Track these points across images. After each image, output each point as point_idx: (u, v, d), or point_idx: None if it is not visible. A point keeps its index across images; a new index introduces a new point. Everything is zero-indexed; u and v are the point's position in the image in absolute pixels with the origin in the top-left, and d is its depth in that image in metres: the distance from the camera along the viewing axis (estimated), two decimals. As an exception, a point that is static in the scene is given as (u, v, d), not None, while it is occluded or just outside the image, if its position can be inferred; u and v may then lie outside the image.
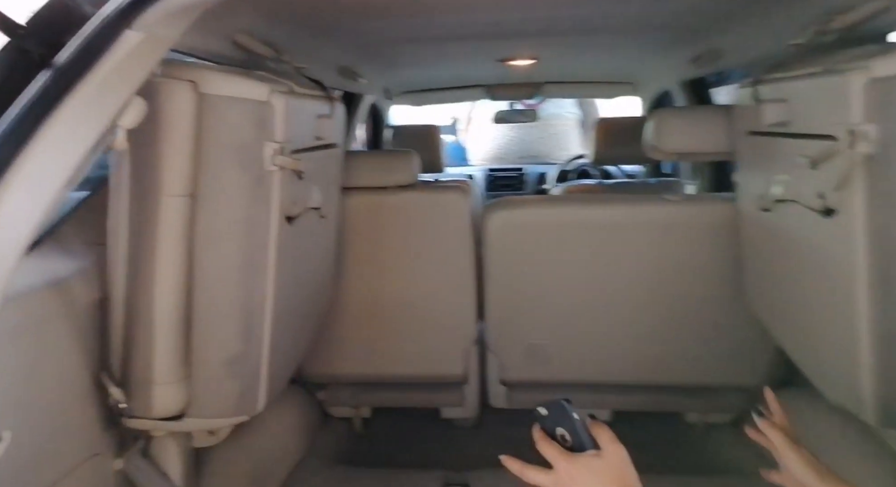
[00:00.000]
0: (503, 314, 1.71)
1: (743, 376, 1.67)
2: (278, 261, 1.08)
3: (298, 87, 1.14)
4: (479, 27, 1.72)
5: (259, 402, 1.12)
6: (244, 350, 1.06)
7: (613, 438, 0.75)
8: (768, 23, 1.47)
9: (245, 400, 1.10)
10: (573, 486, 0.72)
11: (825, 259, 1.05)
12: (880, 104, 0.89)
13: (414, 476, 1.59)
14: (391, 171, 1.67)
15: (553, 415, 0.79)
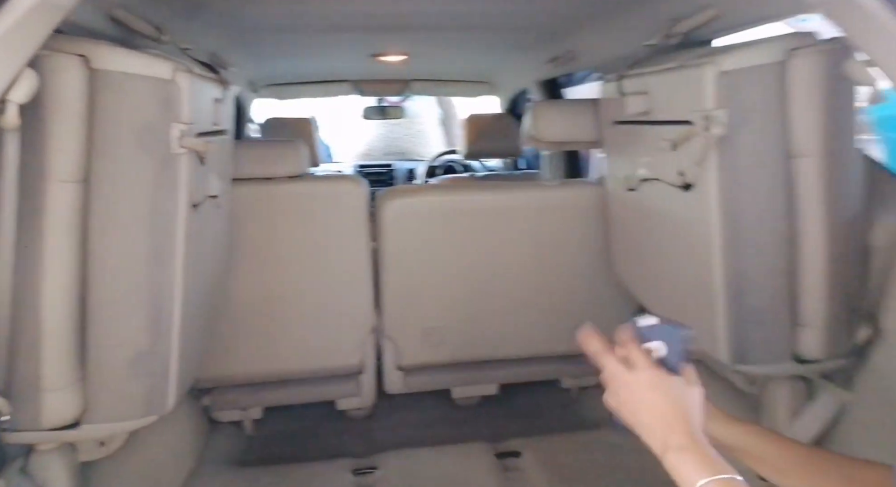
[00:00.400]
0: (400, 301, 1.74)
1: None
2: (186, 250, 1.00)
3: (193, 67, 1.07)
4: (353, 20, 1.72)
5: (169, 400, 1.04)
6: (151, 346, 0.97)
7: (697, 380, 0.74)
8: (620, 27, 1.66)
9: (153, 400, 1.00)
10: (644, 394, 0.71)
11: (686, 227, 1.24)
12: (728, 93, 1.07)
13: (319, 469, 1.57)
14: (280, 161, 1.61)
15: (658, 330, 0.76)
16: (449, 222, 1.68)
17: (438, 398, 2.01)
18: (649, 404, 0.71)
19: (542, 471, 1.49)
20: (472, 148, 2.65)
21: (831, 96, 1.05)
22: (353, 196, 1.67)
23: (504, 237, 1.71)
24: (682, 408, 0.70)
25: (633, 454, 1.52)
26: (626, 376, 0.73)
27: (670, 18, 1.38)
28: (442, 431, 1.81)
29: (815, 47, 1.05)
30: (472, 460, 1.56)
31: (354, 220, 1.68)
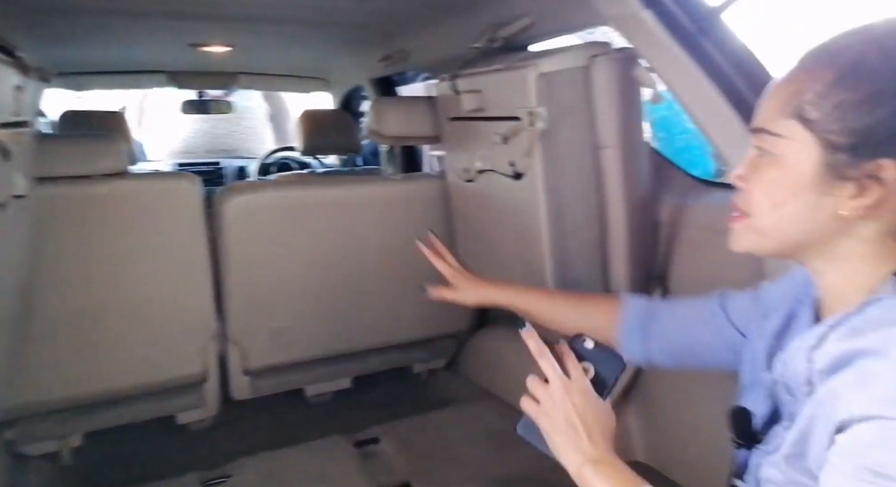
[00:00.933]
0: (245, 302, 1.67)
1: (453, 324, 2.01)
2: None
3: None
4: (165, 5, 1.61)
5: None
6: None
7: None
8: (448, 30, 1.79)
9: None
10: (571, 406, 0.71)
11: (518, 211, 1.39)
12: (546, 92, 1.23)
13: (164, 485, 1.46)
14: (96, 157, 1.45)
15: (594, 352, 0.77)
16: (294, 217, 1.66)
17: (289, 398, 1.97)
18: (575, 415, 0.71)
19: (400, 453, 1.56)
20: (309, 144, 2.62)
21: (624, 97, 1.26)
22: (187, 194, 1.57)
23: (351, 231, 1.73)
24: (605, 427, 0.72)
25: (480, 428, 1.66)
26: (559, 385, 0.73)
27: (493, 24, 1.53)
28: (296, 431, 1.77)
29: (609, 55, 1.25)
30: (331, 453, 1.56)
31: (189, 220, 1.58)
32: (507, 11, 1.48)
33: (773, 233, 0.63)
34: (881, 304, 0.57)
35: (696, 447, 1.32)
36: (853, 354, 0.54)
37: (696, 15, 1.12)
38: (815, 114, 0.57)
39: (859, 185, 0.56)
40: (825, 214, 0.59)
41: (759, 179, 0.62)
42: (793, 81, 0.60)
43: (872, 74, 0.55)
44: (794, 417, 0.63)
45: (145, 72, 2.79)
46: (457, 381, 2.04)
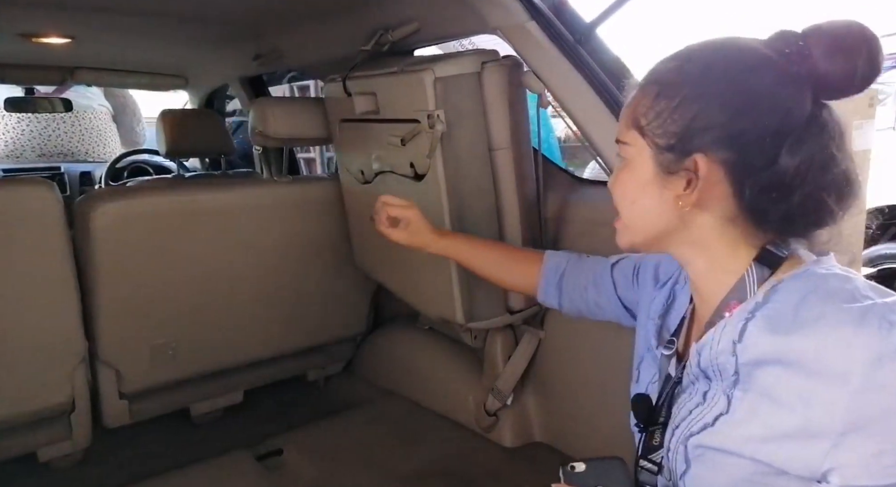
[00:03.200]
0: (119, 319, 1.52)
1: (350, 327, 2.00)
2: None
3: None
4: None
5: None
6: None
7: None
8: (330, 31, 1.77)
9: None
10: None
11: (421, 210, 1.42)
12: (443, 96, 1.27)
13: None
14: None
15: (591, 472, 0.72)
16: (174, 225, 1.54)
17: (173, 420, 1.82)
18: None
19: (307, 461, 1.52)
20: (173, 146, 2.43)
21: (513, 101, 1.35)
22: (43, 202, 1.39)
23: (238, 237, 1.65)
24: None
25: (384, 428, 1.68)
26: None
27: (379, 28, 1.54)
28: (186, 454, 1.65)
29: (498, 61, 1.33)
30: (231, 470, 1.48)
31: (48, 231, 1.40)
32: (393, 16, 1.51)
33: (636, 227, 0.74)
34: (782, 290, 0.64)
35: (594, 424, 1.44)
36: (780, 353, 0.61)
37: (574, 27, 1.24)
38: (645, 122, 0.68)
39: (687, 179, 0.67)
40: (669, 207, 0.69)
41: (619, 182, 0.74)
42: (634, 98, 0.71)
43: (681, 85, 0.66)
44: (706, 396, 0.70)
45: None
46: (356, 384, 2.03)
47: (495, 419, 1.58)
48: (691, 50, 0.69)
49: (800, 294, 0.63)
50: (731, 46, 0.67)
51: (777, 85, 0.63)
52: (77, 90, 3.42)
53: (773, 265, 0.68)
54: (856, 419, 0.57)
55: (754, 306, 0.66)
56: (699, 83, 0.65)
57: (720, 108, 0.64)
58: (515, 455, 1.54)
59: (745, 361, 0.65)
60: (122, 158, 3.14)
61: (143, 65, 2.78)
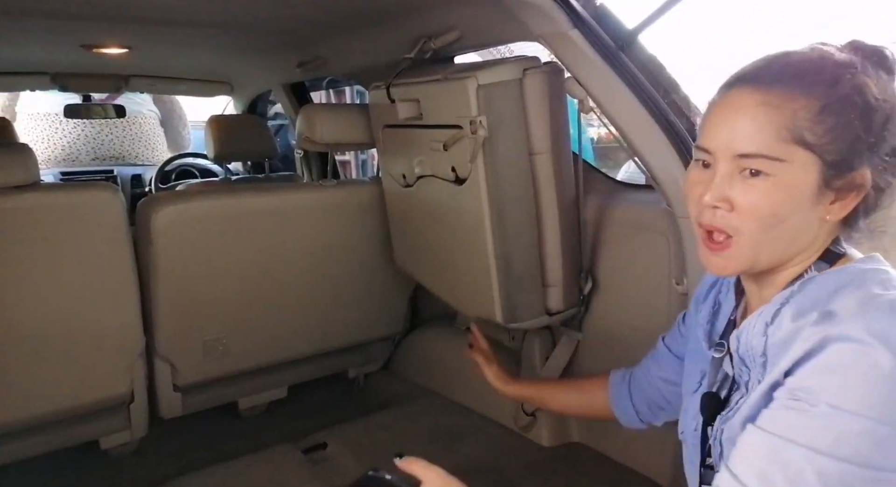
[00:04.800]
0: (176, 316, 1.60)
1: (388, 328, 2.05)
2: None
3: None
4: (59, 4, 1.51)
5: None
6: None
7: (426, 465, 0.81)
8: (371, 39, 1.82)
9: None
10: None
11: (461, 214, 1.46)
12: (485, 103, 1.31)
13: None
14: (2, 168, 1.34)
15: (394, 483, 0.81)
16: (228, 226, 1.62)
17: (221, 413, 1.90)
18: None
19: (350, 455, 1.57)
20: (220, 151, 2.53)
21: (553, 107, 1.38)
22: (108, 205, 1.48)
23: (285, 238, 1.72)
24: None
25: (423, 425, 1.72)
26: None
27: (422, 36, 1.59)
28: (234, 446, 1.73)
29: (540, 68, 1.36)
30: (278, 462, 1.55)
31: (112, 232, 1.48)
32: (435, 24, 1.55)
33: (771, 250, 0.69)
34: (815, 283, 0.69)
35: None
36: (800, 332, 0.65)
37: (617, 35, 1.26)
38: (814, 138, 0.65)
39: (838, 193, 0.67)
40: (814, 222, 0.69)
41: (757, 200, 0.67)
42: (777, 109, 0.66)
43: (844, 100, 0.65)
44: (748, 385, 0.74)
45: (26, 73, 2.54)
46: (394, 382, 2.08)
47: (533, 418, 1.61)
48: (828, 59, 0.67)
49: (836, 285, 0.67)
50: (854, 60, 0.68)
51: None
52: (128, 97, 3.58)
53: (831, 263, 0.71)
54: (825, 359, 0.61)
55: (790, 293, 0.70)
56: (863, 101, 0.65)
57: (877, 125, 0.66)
58: (553, 455, 1.56)
59: (773, 342, 0.68)
60: (170, 162, 3.27)
61: (191, 72, 2.90)
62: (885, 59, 0.68)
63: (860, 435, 0.60)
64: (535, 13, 1.26)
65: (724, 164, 0.69)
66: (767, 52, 0.71)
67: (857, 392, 0.60)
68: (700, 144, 0.72)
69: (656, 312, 1.34)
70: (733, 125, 0.68)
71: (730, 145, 0.68)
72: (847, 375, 0.61)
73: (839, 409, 0.60)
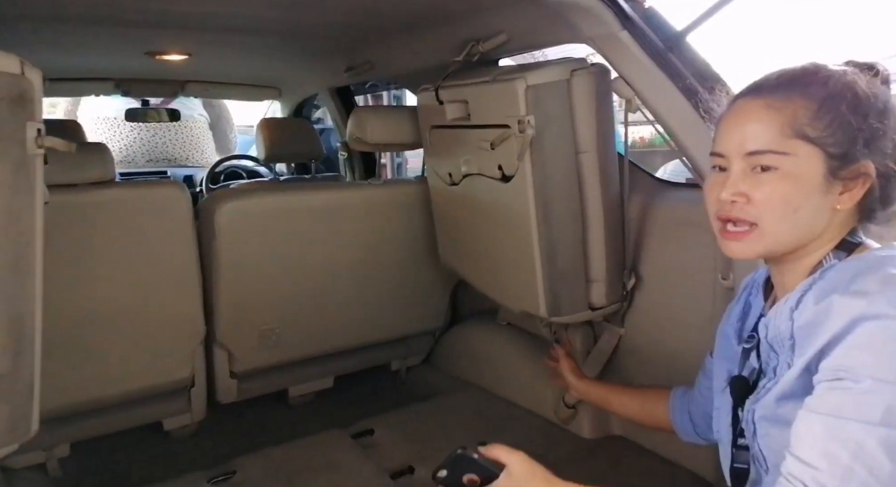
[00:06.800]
0: (234, 306, 1.69)
1: (430, 322, 2.11)
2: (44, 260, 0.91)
3: None
4: (129, 14, 1.61)
5: (33, 424, 0.91)
6: (14, 367, 0.85)
7: (509, 450, 0.86)
8: (418, 43, 1.89)
9: (16, 425, 0.88)
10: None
11: (507, 211, 1.51)
12: (534, 103, 1.36)
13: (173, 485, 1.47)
14: (86, 165, 1.45)
15: (454, 468, 0.87)
16: (284, 222, 1.70)
17: (272, 400, 1.99)
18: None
19: (398, 441, 1.63)
20: (271, 152, 2.64)
21: (599, 107, 1.42)
22: (177, 201, 1.58)
23: (336, 234, 1.80)
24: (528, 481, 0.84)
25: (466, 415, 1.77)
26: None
27: (470, 40, 1.65)
28: (285, 431, 1.81)
29: (587, 69, 1.40)
30: (330, 445, 1.62)
31: (179, 226, 1.59)
32: (483, 28, 1.61)
33: (788, 235, 0.76)
34: (835, 270, 0.76)
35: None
36: (825, 310, 0.71)
37: (665, 36, 1.30)
38: (814, 132, 0.73)
39: (845, 183, 0.74)
40: (826, 210, 0.75)
41: (770, 191, 0.74)
42: (778, 110, 0.74)
43: (838, 100, 0.73)
44: (776, 370, 0.80)
45: (91, 79, 2.70)
46: (435, 375, 2.14)
47: (574, 411, 1.64)
48: (820, 68, 0.76)
49: (855, 271, 0.73)
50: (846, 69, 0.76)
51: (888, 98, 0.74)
52: (180, 101, 3.76)
53: (848, 252, 0.77)
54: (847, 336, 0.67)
55: (812, 281, 0.76)
56: (852, 98, 0.73)
57: (872, 118, 0.73)
58: (595, 446, 1.59)
59: (800, 325, 0.74)
60: (220, 163, 3.42)
61: (243, 77, 3.03)
62: (874, 68, 0.77)
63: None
64: (585, 15, 1.31)
65: (738, 163, 0.77)
66: None
67: (894, 364, 0.65)
68: (715, 151, 0.80)
69: (701, 306, 1.37)
70: (743, 129, 0.76)
71: (741, 146, 0.76)
72: (882, 349, 0.66)
73: (883, 381, 0.65)
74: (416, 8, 1.61)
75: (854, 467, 0.65)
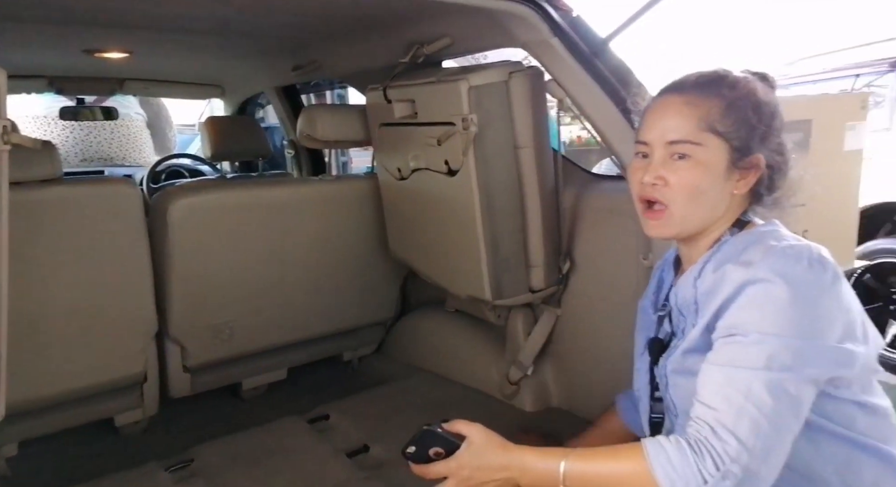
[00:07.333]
0: (187, 300, 1.72)
1: (381, 313, 2.20)
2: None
3: None
4: (66, 13, 1.62)
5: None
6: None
7: (468, 423, 0.95)
8: (366, 45, 1.98)
9: None
10: (474, 476, 0.91)
11: (453, 203, 1.62)
12: (476, 102, 1.48)
13: (122, 479, 1.48)
14: (30, 163, 1.44)
15: (421, 443, 0.95)
16: (237, 217, 1.75)
17: (225, 393, 2.03)
18: (477, 478, 0.92)
19: (353, 424, 1.71)
20: (216, 151, 2.65)
21: (535, 106, 1.55)
22: (128, 198, 1.59)
23: (288, 229, 1.85)
24: (490, 450, 0.92)
25: (417, 397, 1.87)
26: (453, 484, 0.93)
27: (415, 42, 1.75)
28: (240, 422, 1.85)
29: (523, 72, 1.53)
30: (286, 430, 1.68)
31: (130, 223, 1.60)
32: (427, 31, 1.72)
33: (695, 216, 0.92)
34: (729, 243, 0.92)
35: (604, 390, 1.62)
36: (721, 277, 0.87)
37: (591, 42, 1.44)
38: (722, 127, 0.88)
39: (742, 172, 0.90)
40: (726, 195, 0.92)
41: (690, 176, 0.89)
42: (696, 106, 0.89)
43: (744, 100, 0.90)
44: (684, 331, 0.95)
45: (25, 77, 2.63)
46: (387, 363, 2.23)
47: (517, 387, 1.78)
48: (729, 73, 0.92)
49: (744, 244, 0.89)
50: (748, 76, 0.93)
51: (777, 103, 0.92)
52: (116, 100, 3.66)
53: (741, 228, 0.94)
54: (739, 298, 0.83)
55: (710, 254, 0.92)
56: (753, 101, 0.89)
57: (766, 119, 0.90)
58: (535, 418, 1.73)
59: (702, 292, 0.90)
60: (161, 162, 3.37)
61: (184, 76, 3.01)
62: (766, 78, 0.95)
63: (784, 350, 0.80)
64: (519, 23, 1.44)
65: (659, 151, 0.92)
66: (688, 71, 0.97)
67: (773, 319, 0.81)
68: (640, 139, 0.95)
69: (626, 284, 1.52)
70: (665, 121, 0.91)
71: (663, 136, 0.91)
72: (763, 307, 0.82)
73: (765, 334, 0.80)
74: (362, 11, 1.69)
75: (745, 406, 0.79)
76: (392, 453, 1.54)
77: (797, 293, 0.80)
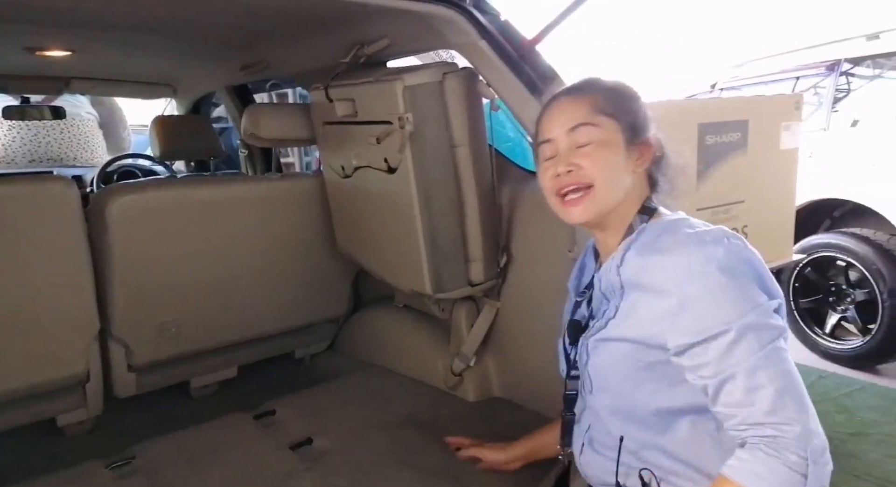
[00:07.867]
0: (131, 299, 1.73)
1: (332, 310, 2.23)
2: None
3: None
4: (6, 8, 1.59)
5: None
6: None
7: None
8: (309, 44, 2.01)
9: None
10: None
11: (393, 200, 1.67)
12: (411, 101, 1.53)
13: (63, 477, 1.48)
14: None
15: None
16: (180, 215, 1.76)
17: (174, 392, 2.03)
18: None
19: (298, 418, 1.74)
20: (166, 150, 2.64)
21: (470, 106, 1.61)
22: (63, 196, 1.59)
23: (234, 227, 1.87)
24: None
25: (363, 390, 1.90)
26: None
27: (356, 42, 1.79)
28: (188, 421, 1.86)
29: (457, 72, 1.59)
30: (231, 426, 1.70)
31: (66, 221, 1.60)
32: (368, 32, 1.76)
33: (616, 189, 0.99)
34: (646, 232, 0.99)
35: (542, 380, 1.69)
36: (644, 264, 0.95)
37: (518, 44, 1.51)
38: (610, 110, 0.98)
39: (639, 151, 1.00)
40: (630, 172, 1.00)
41: (597, 155, 0.97)
42: (592, 97, 1.01)
43: (627, 91, 1.02)
44: (605, 313, 1.01)
45: None
46: (339, 359, 2.26)
47: (460, 378, 1.83)
48: (600, 77, 1.05)
49: (660, 231, 0.97)
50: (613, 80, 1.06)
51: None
52: (66, 99, 3.59)
53: (649, 215, 1.01)
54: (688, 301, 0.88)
55: (630, 242, 0.99)
56: (626, 93, 1.03)
57: (641, 111, 1.02)
58: (477, 408, 1.79)
59: (626, 278, 0.97)
60: (112, 162, 3.32)
61: (134, 75, 2.98)
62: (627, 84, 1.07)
63: (757, 324, 0.87)
64: (450, 26, 1.49)
65: (563, 142, 1.00)
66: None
67: (730, 305, 0.88)
68: (542, 139, 1.04)
69: (557, 275, 1.57)
70: (561, 115, 1.01)
71: (564, 125, 1.00)
72: (717, 301, 0.89)
73: (733, 321, 0.87)
74: (305, 11, 1.72)
75: (773, 386, 0.84)
76: (335, 443, 1.58)
77: (732, 272, 0.88)
